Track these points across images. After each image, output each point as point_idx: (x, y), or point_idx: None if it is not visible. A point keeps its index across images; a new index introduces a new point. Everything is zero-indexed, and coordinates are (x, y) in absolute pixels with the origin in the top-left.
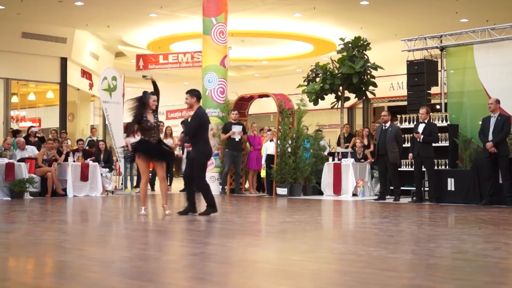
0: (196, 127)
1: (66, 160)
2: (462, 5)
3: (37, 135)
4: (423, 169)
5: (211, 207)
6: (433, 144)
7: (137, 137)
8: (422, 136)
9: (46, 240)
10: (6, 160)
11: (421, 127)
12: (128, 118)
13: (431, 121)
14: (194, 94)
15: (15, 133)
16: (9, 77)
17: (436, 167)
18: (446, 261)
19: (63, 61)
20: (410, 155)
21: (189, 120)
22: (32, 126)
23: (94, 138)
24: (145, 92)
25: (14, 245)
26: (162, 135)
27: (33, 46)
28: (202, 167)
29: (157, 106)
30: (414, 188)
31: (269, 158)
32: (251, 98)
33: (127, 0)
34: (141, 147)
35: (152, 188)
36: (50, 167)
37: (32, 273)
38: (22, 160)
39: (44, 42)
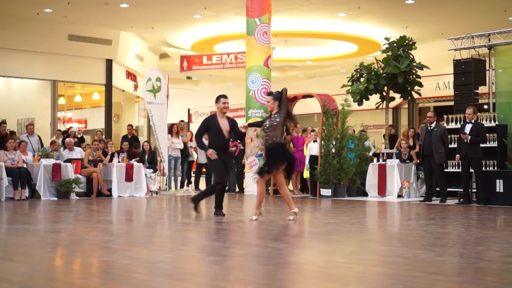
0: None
1: (111, 160)
2: (511, 3)
3: (76, 135)
4: (471, 170)
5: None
6: (481, 145)
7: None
8: (469, 136)
9: (91, 240)
10: (53, 161)
11: (468, 128)
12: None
13: (478, 121)
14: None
15: (64, 133)
16: (56, 79)
17: (484, 168)
18: (496, 264)
19: (109, 63)
20: (457, 156)
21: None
22: (71, 127)
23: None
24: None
25: (60, 245)
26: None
27: (79, 48)
28: None
29: (286, 112)
30: (461, 190)
31: (313, 159)
32: (294, 99)
33: (172, 2)
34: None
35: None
36: (96, 168)
37: (78, 273)
38: (68, 160)
39: (90, 44)
